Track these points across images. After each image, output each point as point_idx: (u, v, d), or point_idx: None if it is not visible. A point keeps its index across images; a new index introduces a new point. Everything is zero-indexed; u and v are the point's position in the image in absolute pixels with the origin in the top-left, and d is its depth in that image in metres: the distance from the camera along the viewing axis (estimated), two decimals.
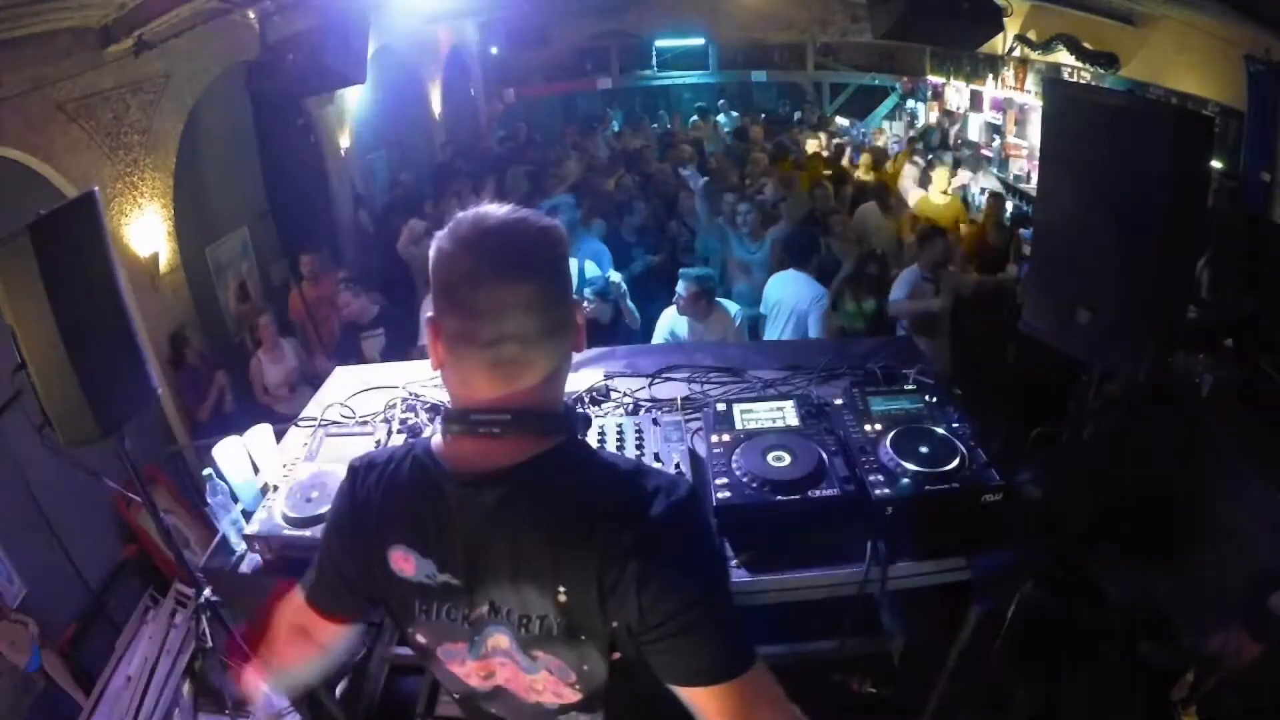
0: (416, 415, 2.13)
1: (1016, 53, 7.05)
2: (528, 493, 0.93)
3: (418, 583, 0.99)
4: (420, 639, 1.05)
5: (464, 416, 0.94)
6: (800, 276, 4.06)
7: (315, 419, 2.20)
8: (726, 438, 1.85)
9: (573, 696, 1.04)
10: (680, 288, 3.60)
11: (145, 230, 4.61)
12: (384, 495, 1.01)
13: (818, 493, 1.67)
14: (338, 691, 2.22)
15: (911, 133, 8.99)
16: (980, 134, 8.65)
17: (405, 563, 0.99)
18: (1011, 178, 7.60)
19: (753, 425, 1.90)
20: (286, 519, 1.79)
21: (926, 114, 9.91)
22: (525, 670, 1.02)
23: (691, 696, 0.94)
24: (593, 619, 0.95)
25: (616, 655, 1.00)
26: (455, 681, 1.09)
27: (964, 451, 1.72)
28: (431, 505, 0.97)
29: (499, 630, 1.00)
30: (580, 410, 1.62)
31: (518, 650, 1.01)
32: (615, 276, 4.17)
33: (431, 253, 0.94)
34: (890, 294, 4.29)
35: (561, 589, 0.94)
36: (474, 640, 1.02)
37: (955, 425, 1.83)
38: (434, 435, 1.00)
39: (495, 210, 0.93)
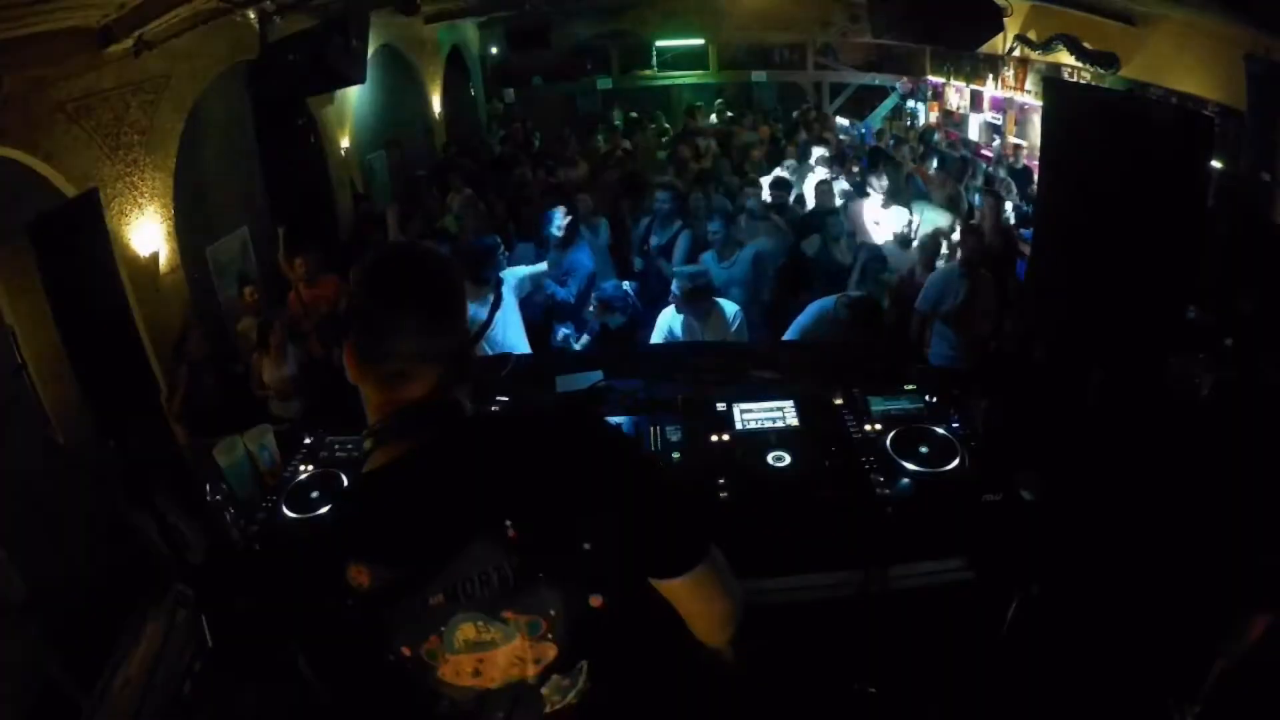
0: None
1: (1016, 53, 7.04)
2: (455, 454, 1.04)
3: (376, 589, 1.04)
4: (405, 651, 1.08)
5: (371, 430, 1.08)
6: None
7: (315, 419, 2.19)
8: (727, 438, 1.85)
9: (551, 651, 1.06)
10: (675, 286, 3.60)
11: (145, 230, 4.61)
12: (330, 527, 1.18)
13: (818, 493, 1.67)
14: (338, 692, 2.22)
15: (894, 138, 8.99)
16: (980, 134, 8.65)
17: (360, 575, 1.04)
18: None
19: (753, 425, 1.90)
20: (287, 518, 1.80)
21: (927, 114, 9.92)
22: (504, 641, 1.05)
23: (668, 587, 1.09)
24: (549, 548, 1.02)
25: (598, 600, 1.04)
26: (454, 690, 1.11)
27: (964, 451, 1.72)
28: (365, 509, 1.09)
29: (463, 619, 1.04)
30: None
31: (488, 621, 1.04)
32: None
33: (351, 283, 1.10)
34: (922, 292, 4.30)
35: (508, 522, 1.00)
36: (442, 632, 1.05)
37: (955, 425, 1.83)
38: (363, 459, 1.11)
39: (397, 246, 1.07)
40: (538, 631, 1.05)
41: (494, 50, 11.46)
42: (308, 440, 2.11)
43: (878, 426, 1.84)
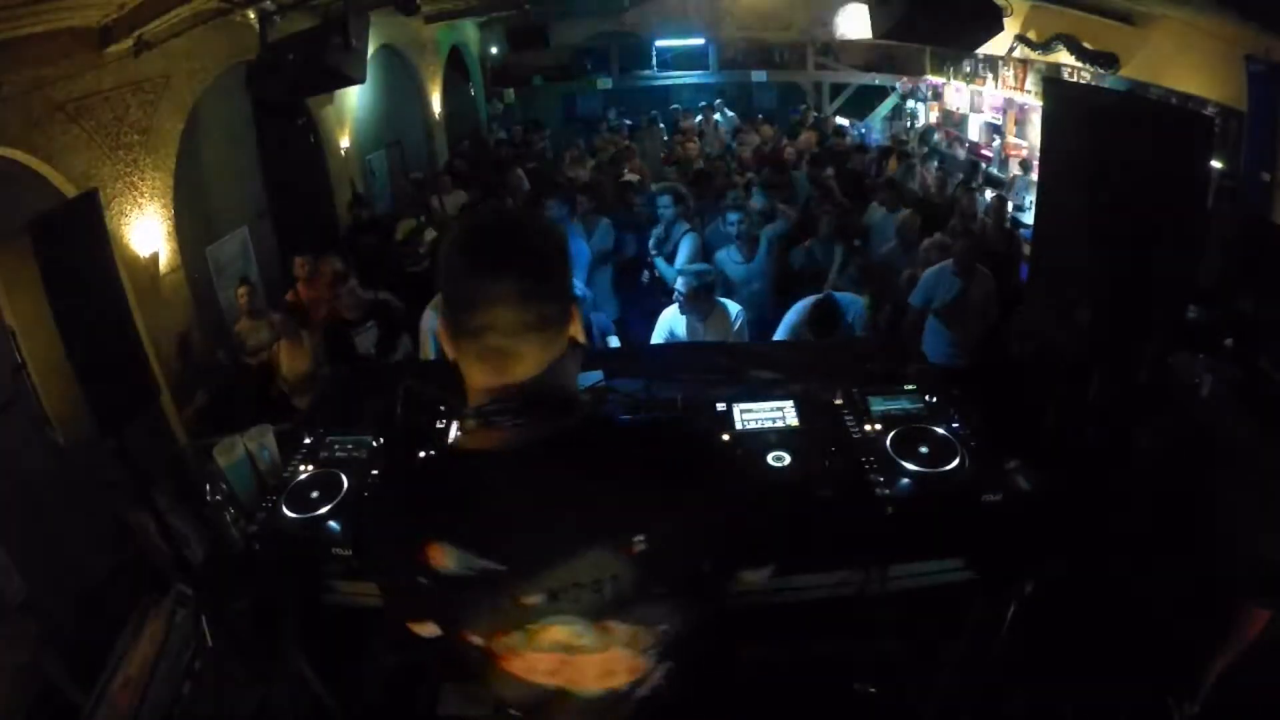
0: (416, 415, 2.12)
1: (1016, 53, 7.04)
2: (584, 451, 0.97)
3: (458, 576, 0.97)
4: (476, 639, 1.02)
5: (478, 410, 0.98)
6: None
7: (315, 419, 2.20)
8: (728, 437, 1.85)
9: (647, 666, 1.03)
10: (680, 284, 3.59)
11: (145, 230, 4.61)
12: (412, 500, 1.04)
13: (818, 493, 1.67)
14: (338, 692, 2.22)
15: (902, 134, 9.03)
16: (980, 134, 8.66)
17: (444, 558, 0.97)
18: (1009, 178, 7.60)
19: (753, 425, 1.90)
20: (287, 518, 1.80)
21: (926, 114, 9.92)
22: (595, 650, 1.00)
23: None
24: (673, 564, 0.98)
25: (703, 618, 1.04)
26: (520, 687, 1.05)
27: (964, 451, 1.72)
28: (463, 495, 0.99)
29: (556, 621, 0.99)
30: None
31: (586, 628, 0.99)
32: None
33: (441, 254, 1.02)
34: (916, 289, 4.34)
35: (639, 537, 0.95)
36: (528, 629, 1.00)
37: (955, 425, 1.83)
38: (453, 437, 1.03)
39: (490, 212, 1.02)
40: (638, 645, 1.01)
41: (494, 50, 11.46)
42: (308, 440, 2.11)
43: (878, 426, 1.84)
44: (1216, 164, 4.52)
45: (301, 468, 2.01)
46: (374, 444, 2.06)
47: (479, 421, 0.98)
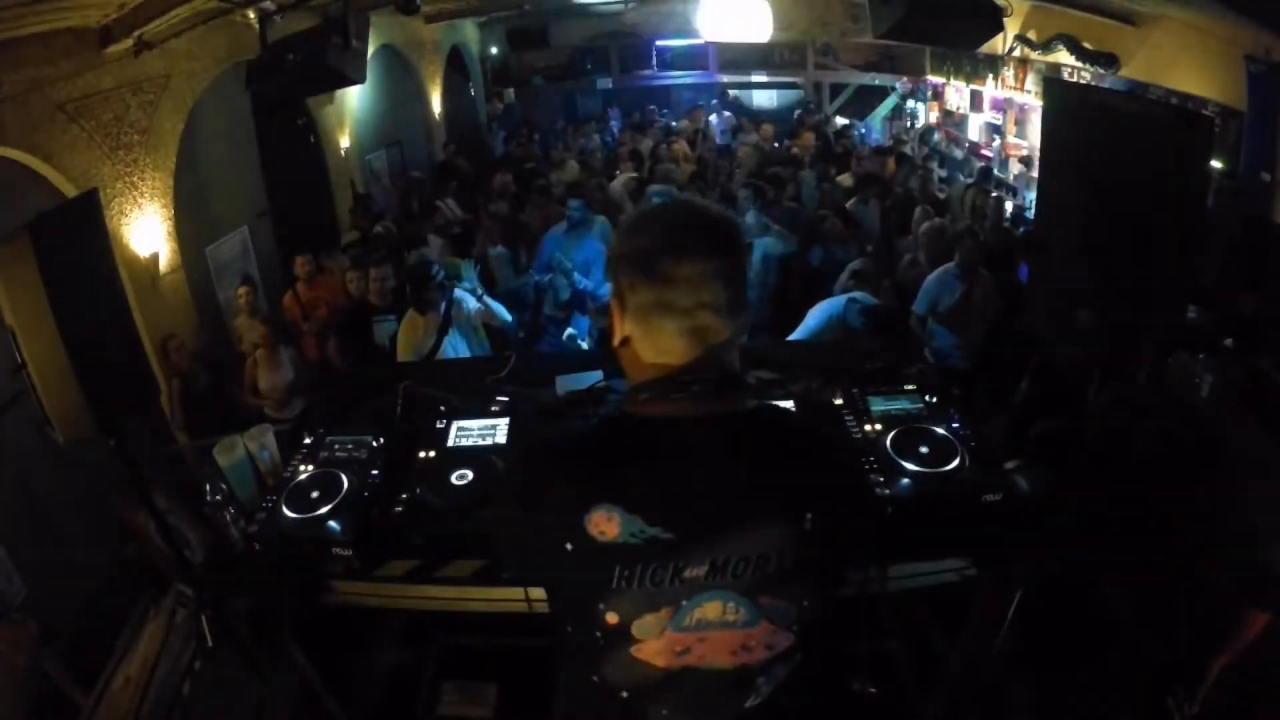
0: (417, 414, 2.13)
1: (1016, 53, 7.04)
2: (763, 430, 1.04)
3: (620, 544, 0.97)
4: (612, 617, 1.00)
5: (675, 378, 1.00)
6: None
7: (315, 419, 2.20)
8: None
9: (786, 642, 1.04)
10: None
11: (145, 230, 4.61)
12: (577, 462, 1.04)
13: None
14: (338, 692, 2.22)
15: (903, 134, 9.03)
16: (980, 134, 8.65)
17: (607, 524, 0.97)
18: (1012, 178, 7.61)
19: None
20: (287, 518, 1.80)
21: (926, 114, 9.91)
22: (743, 625, 1.01)
23: None
24: (832, 543, 1.03)
25: (833, 598, 1.11)
26: (641, 670, 1.03)
27: (964, 451, 1.72)
28: (640, 459, 1.00)
29: (714, 596, 0.99)
30: None
31: (740, 603, 1.00)
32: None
33: (623, 233, 1.06)
34: (920, 295, 4.35)
35: (809, 515, 1.00)
36: (681, 606, 0.99)
37: (955, 425, 1.83)
38: (625, 404, 1.04)
39: (680, 197, 1.06)
40: (784, 619, 1.02)
41: (494, 50, 11.46)
42: (308, 440, 2.11)
43: (878, 426, 1.84)
44: (1216, 164, 4.52)
45: (301, 468, 2.01)
46: (374, 444, 2.06)
47: (661, 389, 1.00)
